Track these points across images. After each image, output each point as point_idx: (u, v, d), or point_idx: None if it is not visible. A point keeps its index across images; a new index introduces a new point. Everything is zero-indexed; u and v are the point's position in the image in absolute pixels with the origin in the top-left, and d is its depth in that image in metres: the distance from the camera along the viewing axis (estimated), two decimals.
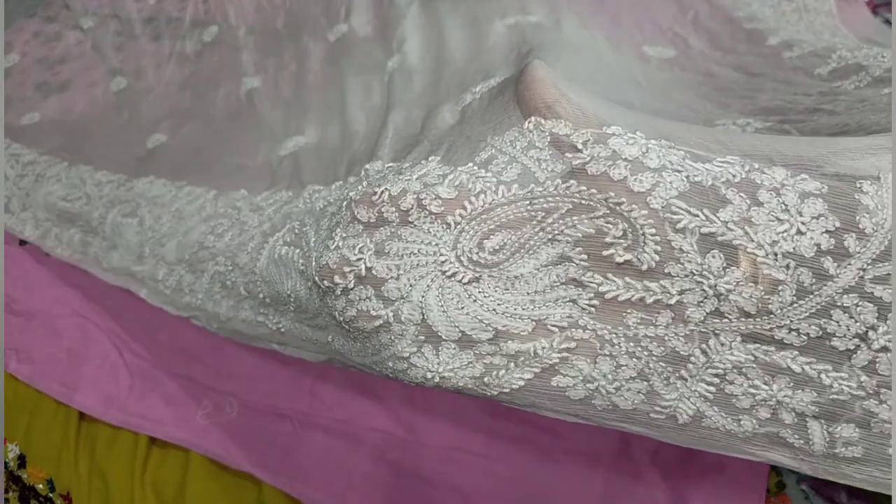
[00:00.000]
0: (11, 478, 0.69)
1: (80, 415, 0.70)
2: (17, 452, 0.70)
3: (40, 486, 0.68)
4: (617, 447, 0.57)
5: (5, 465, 0.69)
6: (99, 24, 1.02)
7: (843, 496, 0.52)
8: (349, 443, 0.63)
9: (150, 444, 0.67)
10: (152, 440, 0.67)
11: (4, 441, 0.70)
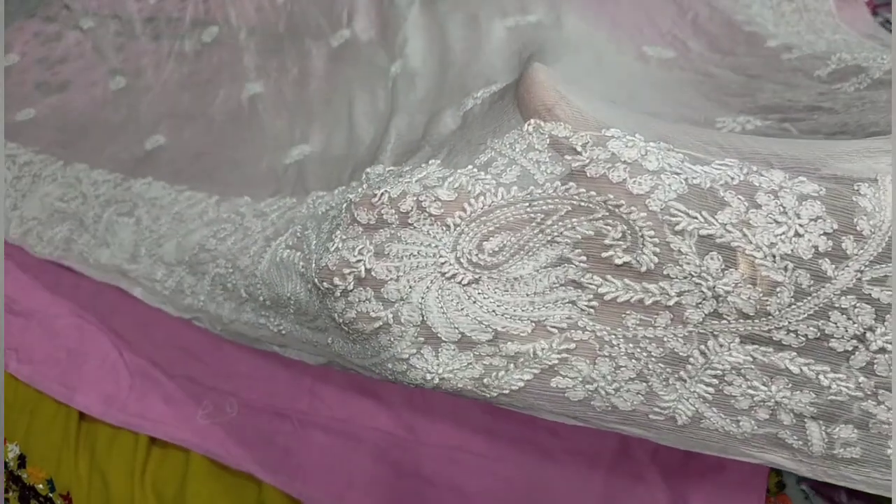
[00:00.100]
0: (11, 478, 0.69)
1: (80, 415, 0.70)
2: (17, 452, 0.70)
3: (40, 486, 0.68)
4: (617, 447, 0.57)
5: (5, 465, 0.69)
6: (99, 25, 1.02)
7: (843, 496, 0.52)
8: (349, 442, 0.63)
9: (150, 444, 0.67)
10: (152, 440, 0.67)
11: (4, 441, 0.70)
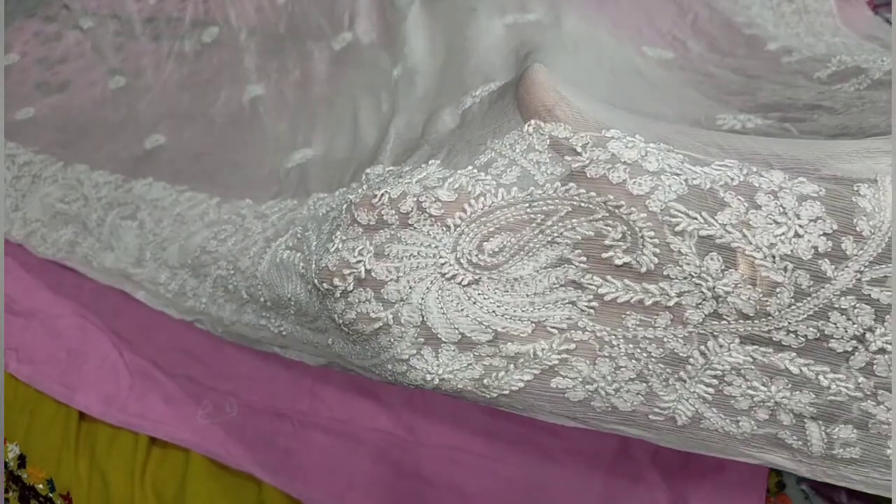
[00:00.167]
0: (11, 478, 0.69)
1: (80, 415, 0.70)
2: (17, 452, 0.70)
3: (40, 486, 0.68)
4: (617, 447, 0.57)
5: (5, 465, 0.69)
6: (99, 25, 1.02)
7: (843, 496, 0.52)
8: (349, 443, 0.63)
9: (150, 444, 0.67)
10: (152, 440, 0.67)
11: (4, 441, 0.70)
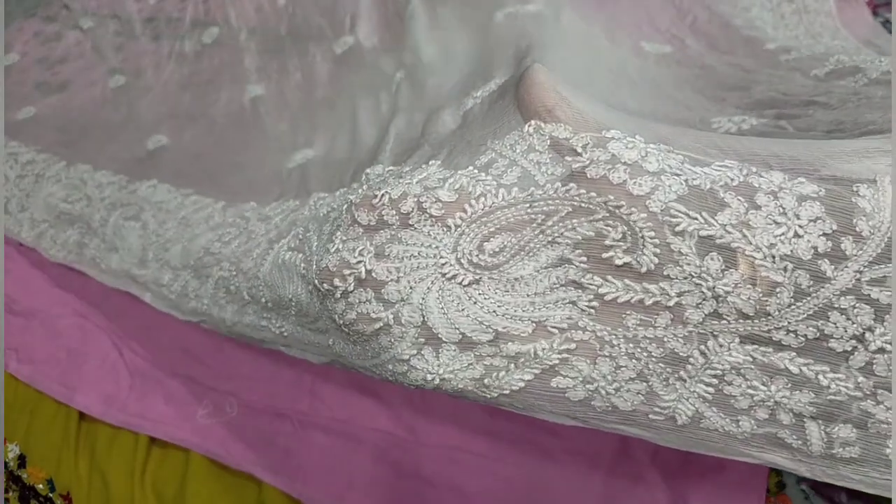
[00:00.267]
0: (11, 478, 0.69)
1: (80, 415, 0.70)
2: (17, 452, 0.70)
3: (40, 486, 0.68)
4: (617, 447, 0.57)
5: (5, 465, 0.69)
6: (99, 25, 1.02)
7: (843, 496, 0.52)
8: (349, 443, 0.63)
9: (150, 444, 0.67)
10: (152, 440, 0.67)
11: (4, 441, 0.70)
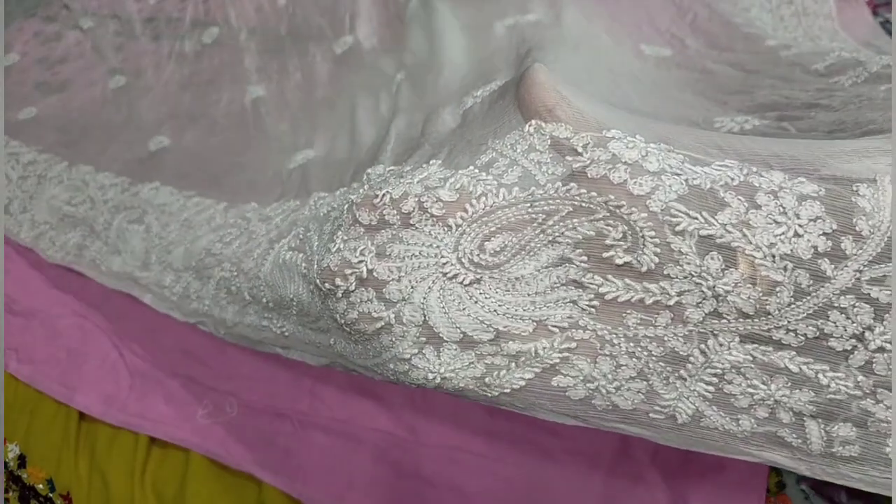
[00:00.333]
0: (11, 478, 0.69)
1: (80, 415, 0.70)
2: (17, 452, 0.70)
3: (40, 486, 0.68)
4: (617, 447, 0.57)
5: (5, 465, 0.69)
6: (99, 25, 1.02)
7: (843, 496, 0.52)
8: (349, 443, 0.63)
9: (150, 444, 0.67)
10: (152, 440, 0.67)
11: (4, 441, 0.70)
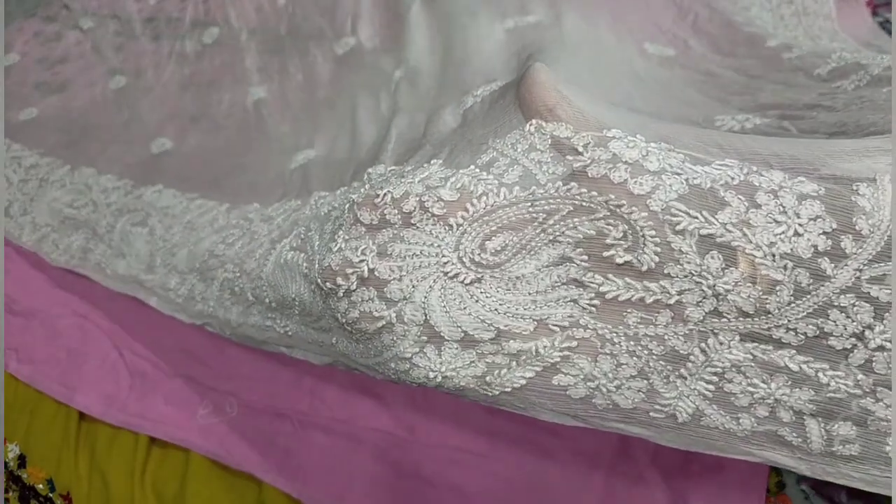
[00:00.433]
0: (11, 478, 0.69)
1: (80, 415, 0.70)
2: (17, 452, 0.70)
3: (40, 486, 0.68)
4: (617, 447, 0.57)
5: (5, 465, 0.69)
6: (99, 25, 1.02)
7: (843, 496, 0.52)
8: (349, 443, 0.63)
9: (150, 444, 0.67)
10: (152, 440, 0.67)
11: (4, 441, 0.70)
